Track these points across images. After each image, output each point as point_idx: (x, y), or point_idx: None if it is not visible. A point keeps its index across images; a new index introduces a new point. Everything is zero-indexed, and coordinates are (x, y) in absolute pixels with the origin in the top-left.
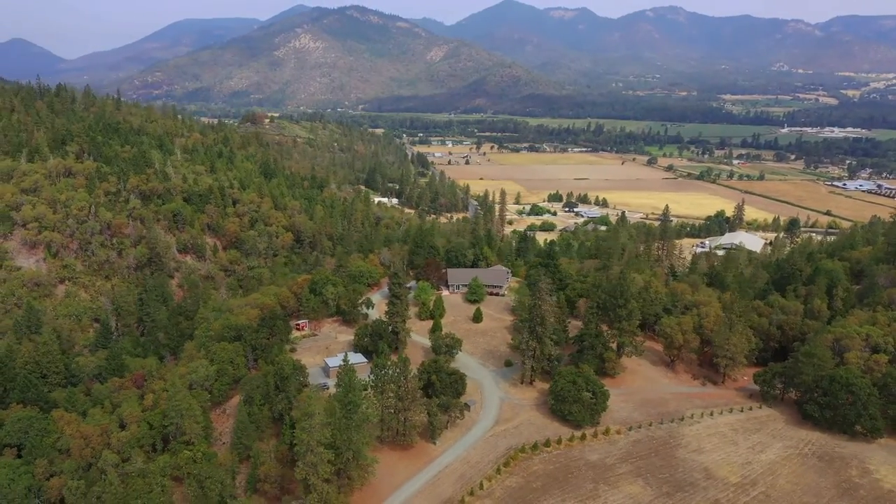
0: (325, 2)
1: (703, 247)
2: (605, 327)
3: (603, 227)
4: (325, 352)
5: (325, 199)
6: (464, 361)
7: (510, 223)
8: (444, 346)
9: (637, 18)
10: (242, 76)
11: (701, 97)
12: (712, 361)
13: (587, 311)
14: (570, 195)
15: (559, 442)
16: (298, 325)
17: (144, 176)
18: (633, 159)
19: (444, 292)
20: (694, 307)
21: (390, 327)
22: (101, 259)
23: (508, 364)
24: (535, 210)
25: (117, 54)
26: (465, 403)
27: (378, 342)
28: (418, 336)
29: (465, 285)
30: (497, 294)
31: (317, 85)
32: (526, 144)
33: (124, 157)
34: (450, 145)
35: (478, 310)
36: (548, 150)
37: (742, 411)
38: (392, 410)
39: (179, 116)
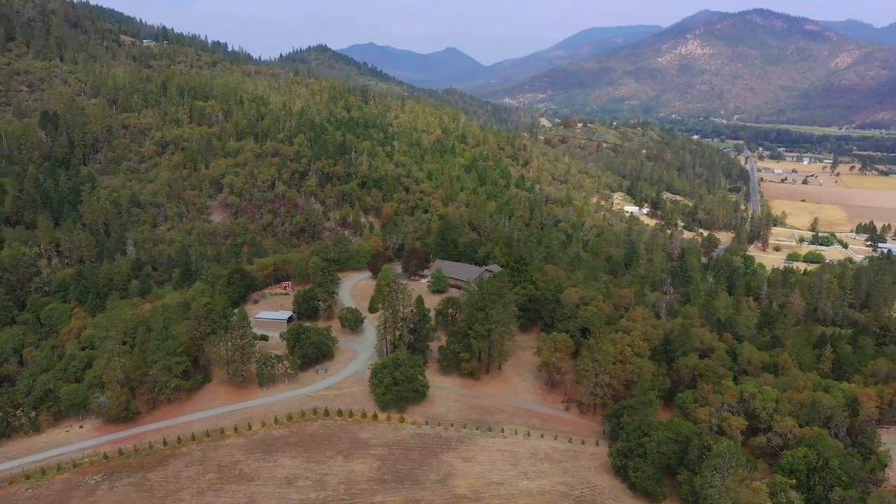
0: (730, 6)
1: None
2: None
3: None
4: (278, 307)
5: (505, 196)
6: (368, 335)
7: (777, 249)
8: (348, 320)
9: None
10: (621, 83)
11: None
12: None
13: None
14: (885, 227)
15: (350, 415)
16: (283, 284)
17: (331, 160)
18: None
19: (423, 281)
20: (626, 333)
21: (315, 297)
22: (266, 222)
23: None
24: (822, 239)
25: (525, 62)
26: (316, 368)
27: (304, 307)
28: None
29: (449, 276)
30: (461, 287)
31: (694, 93)
32: None
33: (330, 144)
34: (805, 162)
35: (420, 297)
36: None
37: (570, 442)
38: (231, 356)
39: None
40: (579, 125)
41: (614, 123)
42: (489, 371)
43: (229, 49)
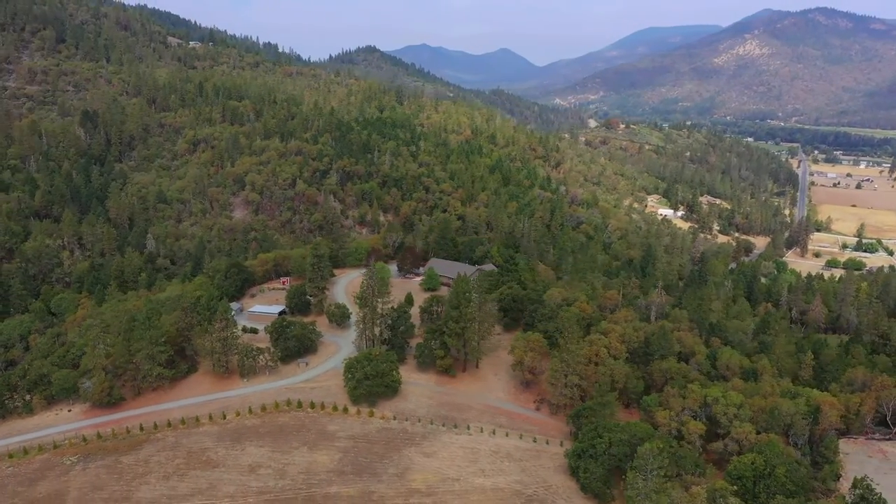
0: (792, 5)
1: None
2: None
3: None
4: (274, 302)
5: (527, 197)
6: (354, 331)
7: (817, 255)
8: (335, 315)
9: None
10: (675, 83)
11: None
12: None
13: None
14: None
15: (322, 408)
16: (282, 280)
17: (352, 160)
18: None
19: (416, 279)
20: (603, 335)
21: (305, 293)
22: (285, 219)
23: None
24: (867, 246)
25: (579, 62)
26: (298, 361)
27: (295, 302)
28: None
29: (442, 275)
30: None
31: (750, 94)
32: None
33: (354, 144)
34: (863, 166)
35: (409, 294)
36: None
37: (535, 441)
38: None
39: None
40: (622, 126)
41: (665, 125)
42: (466, 369)
43: (280, 50)
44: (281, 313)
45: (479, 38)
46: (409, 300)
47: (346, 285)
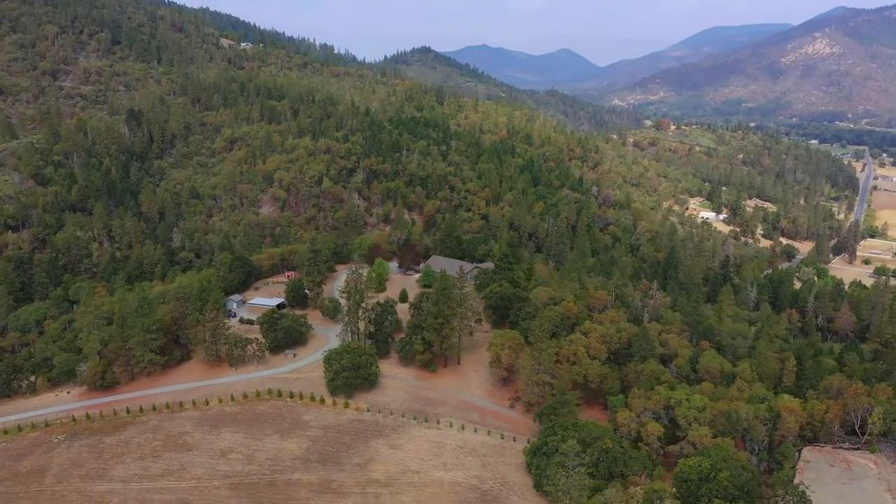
0: (867, 2)
1: None
2: None
3: None
4: (275, 295)
5: (555, 198)
6: None
7: (866, 262)
8: (328, 309)
9: None
10: (738, 84)
11: None
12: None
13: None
14: None
15: (301, 398)
16: (287, 273)
17: (379, 158)
18: None
19: (416, 275)
20: (584, 334)
21: (303, 287)
22: (310, 216)
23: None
24: None
25: (641, 63)
26: (286, 352)
27: (293, 295)
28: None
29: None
30: None
31: (818, 94)
32: None
33: (384, 143)
34: None
35: (404, 291)
36: None
37: (502, 438)
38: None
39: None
40: (672, 127)
41: (722, 127)
42: (447, 365)
43: (335, 51)
44: (280, 306)
45: (541, 38)
46: (404, 296)
47: (345, 280)
